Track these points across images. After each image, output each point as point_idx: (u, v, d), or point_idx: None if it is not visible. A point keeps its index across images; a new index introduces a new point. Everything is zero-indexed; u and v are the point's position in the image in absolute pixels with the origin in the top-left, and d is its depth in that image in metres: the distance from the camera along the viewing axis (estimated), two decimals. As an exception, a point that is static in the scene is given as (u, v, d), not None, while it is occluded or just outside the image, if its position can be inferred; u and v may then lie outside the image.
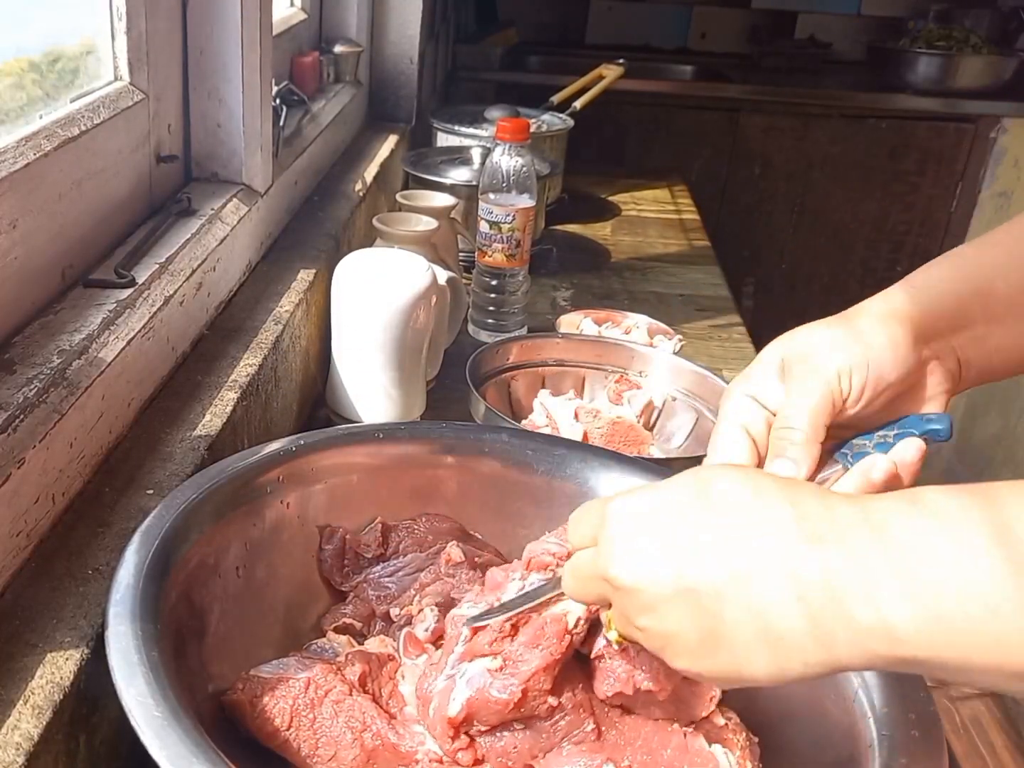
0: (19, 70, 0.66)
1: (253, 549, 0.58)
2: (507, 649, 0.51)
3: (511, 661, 0.50)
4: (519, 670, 0.50)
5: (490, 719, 0.51)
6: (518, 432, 0.73)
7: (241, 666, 0.53)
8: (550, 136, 1.63)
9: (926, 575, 0.35)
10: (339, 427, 0.72)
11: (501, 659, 0.51)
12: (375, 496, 0.66)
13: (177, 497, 0.54)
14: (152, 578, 0.48)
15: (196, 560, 0.53)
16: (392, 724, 0.52)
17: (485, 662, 0.51)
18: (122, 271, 0.68)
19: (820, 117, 2.47)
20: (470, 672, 0.51)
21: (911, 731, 0.46)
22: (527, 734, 0.52)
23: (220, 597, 0.55)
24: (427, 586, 0.61)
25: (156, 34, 0.80)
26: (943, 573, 0.35)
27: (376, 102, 1.66)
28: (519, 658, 0.50)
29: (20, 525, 0.50)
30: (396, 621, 0.60)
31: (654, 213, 1.83)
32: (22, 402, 0.51)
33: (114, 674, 0.42)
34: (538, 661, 0.50)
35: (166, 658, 0.44)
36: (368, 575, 0.63)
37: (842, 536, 0.37)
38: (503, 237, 1.12)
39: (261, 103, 0.90)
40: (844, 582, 0.37)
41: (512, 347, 0.98)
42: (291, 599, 0.62)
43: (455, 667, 0.52)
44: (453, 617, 0.54)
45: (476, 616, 0.52)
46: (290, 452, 0.62)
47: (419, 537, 0.65)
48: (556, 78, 1.95)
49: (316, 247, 1.00)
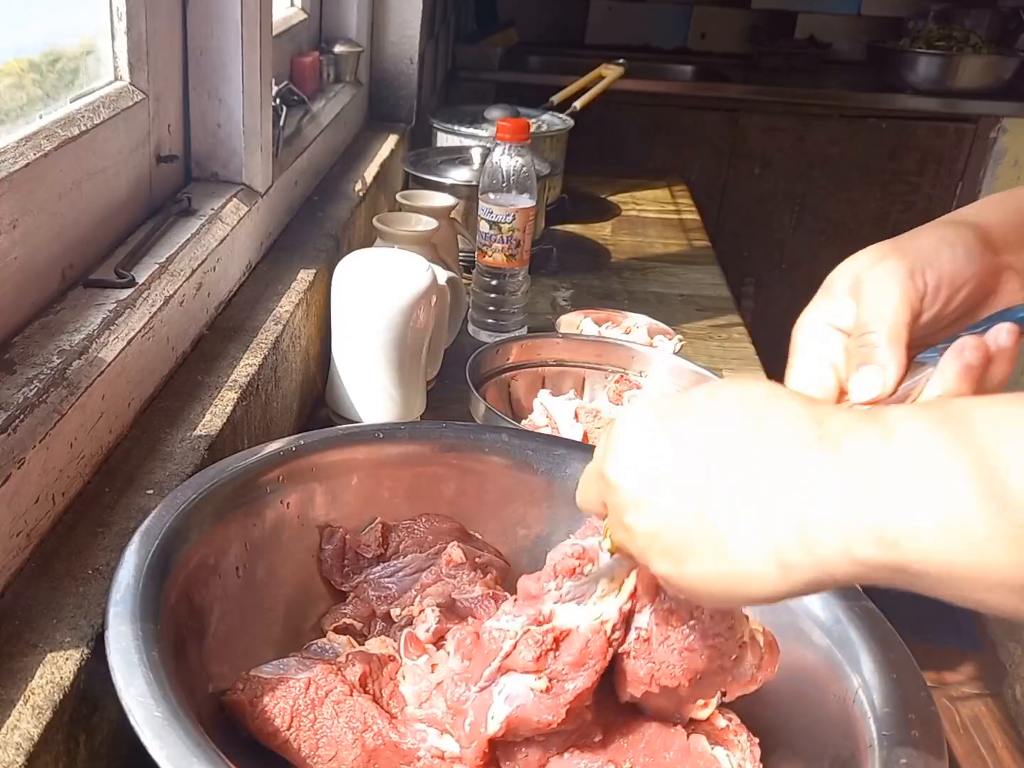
0: (19, 70, 0.66)
1: (253, 549, 0.58)
2: (551, 667, 0.49)
3: (557, 681, 0.49)
4: (565, 690, 0.48)
5: (524, 734, 0.50)
6: (518, 432, 0.73)
7: (241, 666, 0.53)
8: (550, 136, 1.63)
9: (920, 484, 0.34)
10: (339, 427, 0.72)
11: (547, 678, 0.49)
12: (375, 496, 0.66)
13: (177, 497, 0.54)
14: (152, 578, 0.48)
15: (196, 560, 0.53)
16: (393, 723, 0.52)
17: (528, 680, 0.49)
18: (122, 271, 0.68)
19: (820, 117, 2.48)
20: (509, 688, 0.49)
21: (911, 731, 0.46)
22: (540, 741, 0.51)
23: (220, 597, 0.55)
24: (428, 587, 0.61)
25: (156, 34, 0.80)
26: (933, 483, 0.33)
27: (376, 102, 1.66)
28: (565, 677, 0.49)
29: (20, 525, 0.50)
30: (397, 621, 0.60)
31: (654, 213, 1.83)
32: (22, 402, 0.51)
33: (114, 674, 0.42)
34: (584, 681, 0.49)
35: (166, 658, 0.44)
36: (368, 575, 0.63)
37: (838, 441, 0.36)
38: (503, 237, 1.12)
39: (261, 103, 0.90)
40: (834, 485, 0.35)
41: (512, 347, 0.98)
42: (291, 599, 0.62)
43: (492, 680, 0.50)
44: (490, 630, 0.51)
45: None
46: (290, 452, 0.62)
47: (419, 537, 0.65)
48: (556, 78, 1.95)
49: (316, 247, 1.00)
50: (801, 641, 0.54)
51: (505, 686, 0.50)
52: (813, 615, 0.54)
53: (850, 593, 0.54)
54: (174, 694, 0.41)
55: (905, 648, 0.51)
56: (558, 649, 0.49)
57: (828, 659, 0.52)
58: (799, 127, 2.48)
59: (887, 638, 0.51)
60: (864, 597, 0.55)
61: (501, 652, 0.50)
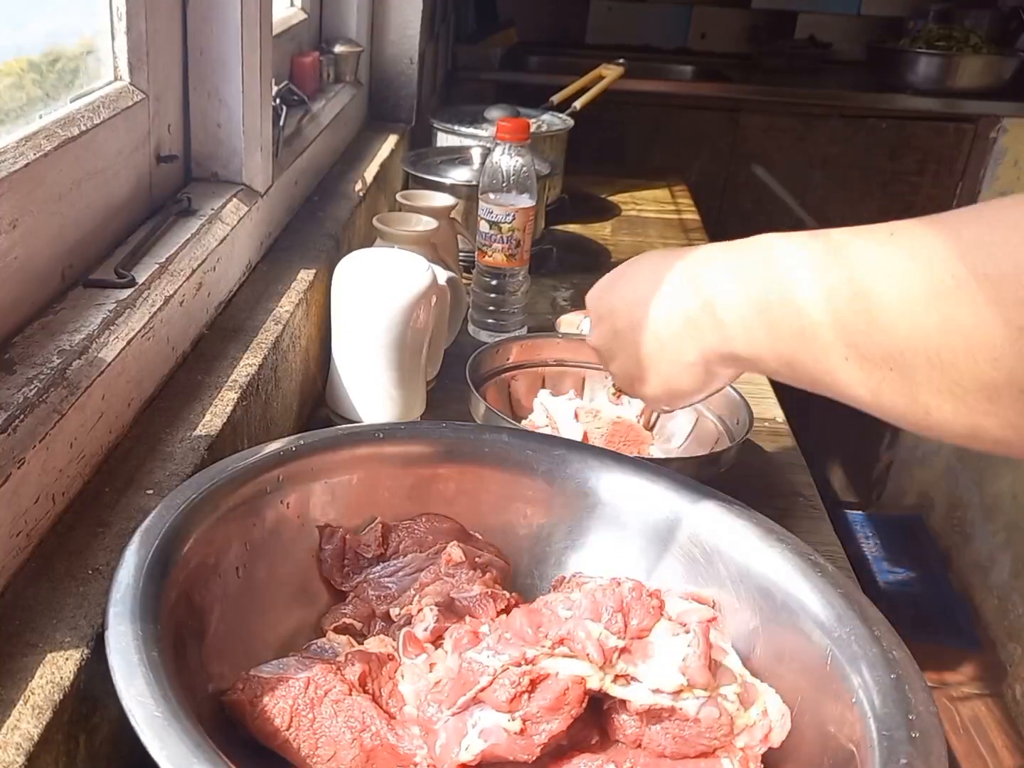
0: (19, 70, 0.66)
1: (253, 549, 0.58)
2: (525, 709, 0.49)
3: (531, 723, 0.49)
4: (539, 731, 0.48)
5: (501, 762, 0.50)
6: (518, 432, 0.73)
7: (241, 666, 0.53)
8: (550, 136, 1.62)
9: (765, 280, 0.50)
10: (339, 427, 0.72)
11: (520, 720, 0.48)
12: (375, 496, 0.66)
13: (177, 497, 0.54)
14: (152, 578, 0.48)
15: (196, 560, 0.53)
16: (391, 725, 0.52)
17: (502, 720, 0.49)
18: (122, 271, 0.68)
19: (820, 117, 2.47)
20: (484, 722, 0.49)
21: (911, 731, 0.46)
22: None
23: (220, 597, 0.55)
24: (427, 586, 0.61)
25: (156, 34, 0.80)
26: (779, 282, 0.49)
27: (376, 102, 1.66)
28: (539, 720, 0.48)
29: (20, 525, 0.50)
30: (396, 621, 0.60)
31: (654, 213, 1.83)
32: (22, 402, 0.51)
33: (114, 674, 0.42)
34: (560, 724, 0.48)
35: (166, 658, 0.44)
36: (368, 575, 0.63)
37: (725, 259, 0.53)
38: (503, 237, 1.12)
39: (261, 103, 0.90)
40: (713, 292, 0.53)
41: (512, 347, 0.98)
42: (291, 599, 0.62)
43: (466, 708, 0.50)
44: (470, 661, 0.51)
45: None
46: (290, 452, 0.62)
47: (419, 537, 0.65)
48: (556, 78, 1.95)
49: (316, 247, 1.00)
50: (801, 641, 0.54)
51: (480, 720, 0.49)
52: (813, 615, 0.54)
53: (850, 592, 0.54)
54: (174, 694, 0.41)
55: (905, 648, 0.51)
56: (534, 691, 0.49)
57: (828, 659, 0.52)
58: (799, 127, 2.48)
59: (887, 638, 0.51)
60: (864, 596, 0.55)
61: (477, 686, 0.50)
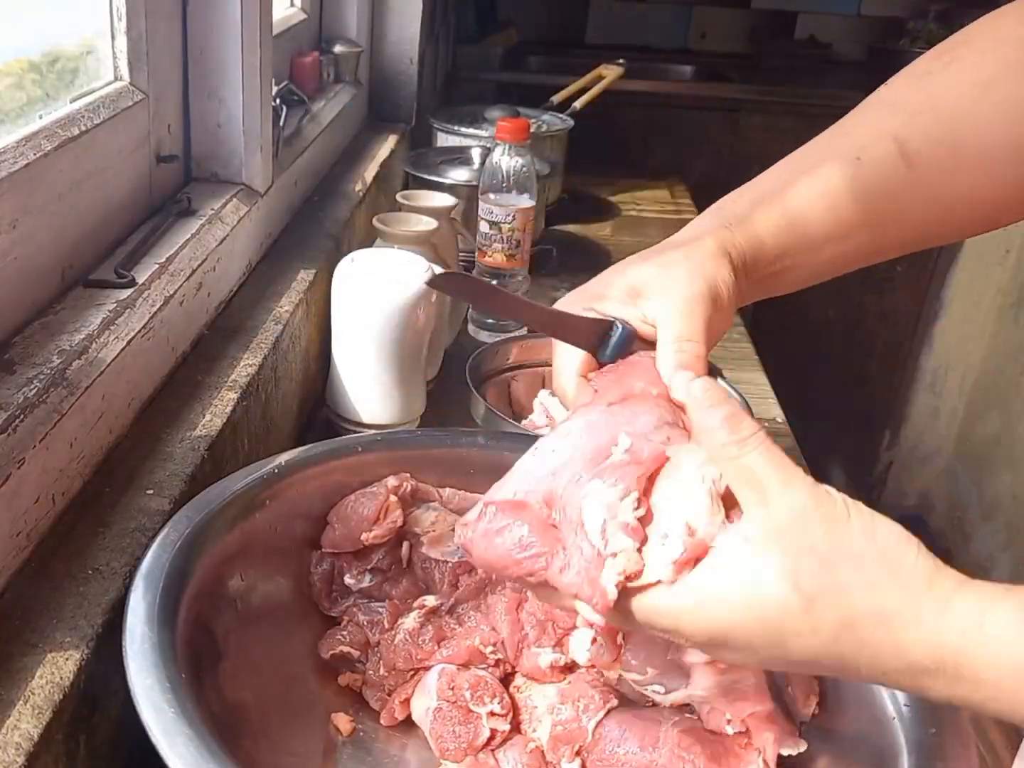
0: (19, 70, 0.66)
1: (248, 578, 0.58)
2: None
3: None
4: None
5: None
6: (494, 434, 0.73)
7: (257, 690, 0.53)
8: (550, 136, 1.62)
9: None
10: (317, 444, 0.68)
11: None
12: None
13: (171, 534, 0.53)
14: (164, 624, 0.47)
15: (200, 597, 0.52)
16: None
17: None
18: (122, 271, 0.68)
19: (820, 117, 2.42)
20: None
21: (941, 737, 0.47)
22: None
23: (231, 629, 0.55)
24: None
25: (156, 34, 0.80)
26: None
27: (376, 102, 1.66)
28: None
29: (20, 525, 0.50)
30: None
31: (654, 213, 1.82)
32: (22, 402, 0.51)
33: (151, 731, 0.42)
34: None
35: (198, 704, 0.44)
36: (357, 600, 0.63)
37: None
38: (503, 237, 1.12)
39: (261, 103, 0.90)
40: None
41: (512, 347, 0.98)
42: (290, 624, 0.61)
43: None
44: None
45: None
46: (273, 474, 0.61)
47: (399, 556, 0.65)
48: (556, 78, 1.95)
49: (316, 247, 1.00)
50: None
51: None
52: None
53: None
54: (220, 749, 0.41)
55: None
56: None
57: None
58: (799, 127, 2.45)
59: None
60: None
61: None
